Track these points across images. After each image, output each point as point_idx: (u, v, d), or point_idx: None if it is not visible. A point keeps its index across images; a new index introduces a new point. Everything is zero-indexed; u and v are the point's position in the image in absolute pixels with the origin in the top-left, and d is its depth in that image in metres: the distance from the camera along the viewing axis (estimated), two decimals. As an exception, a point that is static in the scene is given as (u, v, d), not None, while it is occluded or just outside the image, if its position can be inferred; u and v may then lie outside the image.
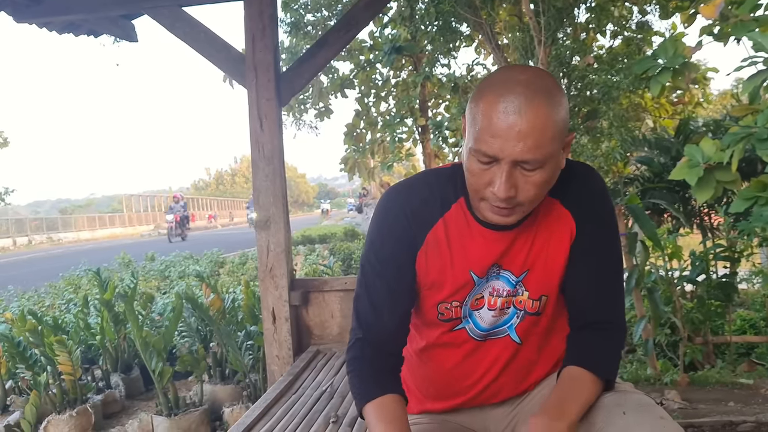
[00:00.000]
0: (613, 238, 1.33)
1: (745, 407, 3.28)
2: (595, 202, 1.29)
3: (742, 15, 3.09)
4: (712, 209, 5.13)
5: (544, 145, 1.08)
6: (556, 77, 8.84)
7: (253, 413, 2.34)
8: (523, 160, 1.09)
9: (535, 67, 1.25)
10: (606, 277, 1.31)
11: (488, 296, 1.31)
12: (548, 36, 8.73)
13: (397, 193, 1.33)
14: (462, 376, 1.39)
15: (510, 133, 1.07)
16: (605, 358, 1.28)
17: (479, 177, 1.14)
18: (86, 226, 43.51)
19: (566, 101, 1.14)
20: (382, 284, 1.31)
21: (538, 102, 1.08)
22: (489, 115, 1.09)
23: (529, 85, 1.09)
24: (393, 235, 1.30)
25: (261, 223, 3.27)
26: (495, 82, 1.13)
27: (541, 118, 1.07)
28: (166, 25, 3.32)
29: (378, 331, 1.31)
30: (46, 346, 3.77)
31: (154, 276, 10.73)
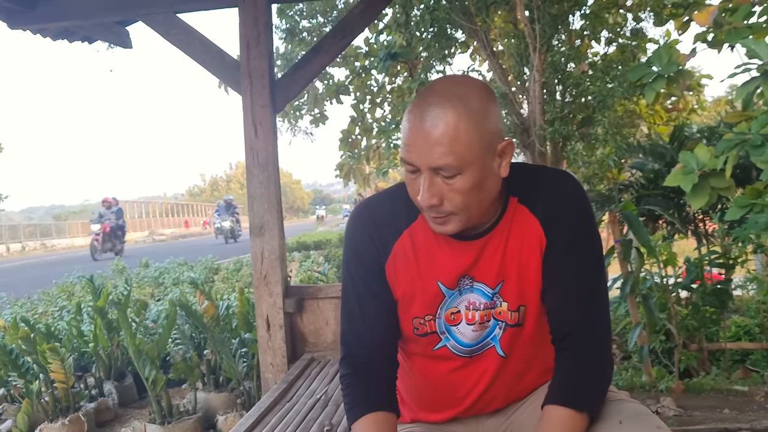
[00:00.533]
0: (587, 244, 1.28)
1: (740, 414, 3.27)
2: (565, 208, 1.26)
3: (736, 22, 3.11)
4: (706, 216, 5.14)
5: (457, 152, 1.10)
6: (551, 84, 8.91)
7: (247, 421, 2.32)
8: (438, 167, 1.11)
9: (465, 76, 1.25)
10: (582, 285, 1.27)
11: (465, 310, 1.30)
12: (543, 43, 8.78)
13: (362, 210, 1.36)
14: (451, 391, 1.39)
15: (423, 141, 1.11)
16: (586, 388, 1.24)
17: (411, 186, 1.18)
18: (80, 233, 43.32)
19: (491, 108, 1.15)
20: (358, 303, 1.33)
21: (450, 109, 1.10)
22: (407, 125, 1.15)
23: (444, 93, 1.13)
24: (360, 253, 1.32)
25: (255, 229, 3.26)
26: (420, 94, 1.18)
27: (453, 125, 1.10)
28: (160, 32, 3.31)
29: (359, 350, 1.33)
30: (38, 354, 3.74)
31: (148, 283, 10.68)
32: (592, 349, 1.26)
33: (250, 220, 3.28)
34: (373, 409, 1.27)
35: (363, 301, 1.32)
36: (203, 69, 3.38)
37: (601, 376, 1.27)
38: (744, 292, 5.07)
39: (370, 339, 1.32)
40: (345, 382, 1.33)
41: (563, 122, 8.87)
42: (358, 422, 1.26)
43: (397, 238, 1.29)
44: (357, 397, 1.29)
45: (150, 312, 5.36)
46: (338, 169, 13.96)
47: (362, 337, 1.32)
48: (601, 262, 1.32)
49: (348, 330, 1.35)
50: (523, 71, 9.53)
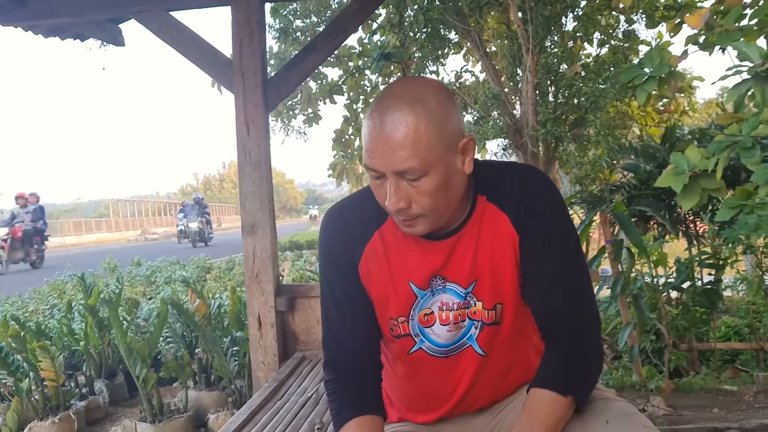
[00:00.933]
0: (561, 236, 1.27)
1: (729, 413, 3.30)
2: (533, 202, 1.25)
3: (727, 25, 3.13)
4: (697, 217, 5.16)
5: (419, 154, 1.10)
6: (544, 85, 8.91)
7: (238, 419, 2.32)
8: (402, 171, 1.11)
9: (420, 77, 1.29)
10: (560, 277, 1.26)
11: (438, 311, 1.30)
12: (536, 44, 8.80)
13: (332, 214, 1.36)
14: (434, 391, 1.39)
15: (384, 146, 1.11)
16: (571, 374, 1.25)
17: (378, 193, 1.18)
18: (72, 231, 43.17)
19: (449, 107, 1.15)
20: (336, 307, 1.34)
21: (408, 112, 1.10)
22: (367, 132, 1.14)
23: (401, 97, 1.12)
24: (334, 257, 1.33)
25: (247, 228, 3.26)
26: (377, 99, 1.16)
27: (412, 129, 1.09)
28: (153, 30, 3.30)
29: (341, 354, 1.33)
30: (28, 352, 3.73)
31: (140, 281, 10.65)
32: (578, 339, 1.27)
33: (242, 219, 3.28)
34: (359, 413, 1.27)
35: (340, 305, 1.33)
36: (196, 67, 3.37)
37: (588, 365, 1.28)
38: (734, 292, 5.09)
39: (350, 343, 1.32)
40: (330, 387, 1.34)
41: (555, 123, 8.89)
42: (344, 427, 1.27)
43: (368, 240, 1.30)
44: (343, 402, 1.30)
45: (141, 310, 5.35)
46: (331, 169, 13.95)
47: (343, 341, 1.33)
48: (578, 253, 1.31)
49: (329, 335, 1.36)
50: (516, 72, 9.56)
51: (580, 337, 1.27)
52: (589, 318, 1.29)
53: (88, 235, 43.49)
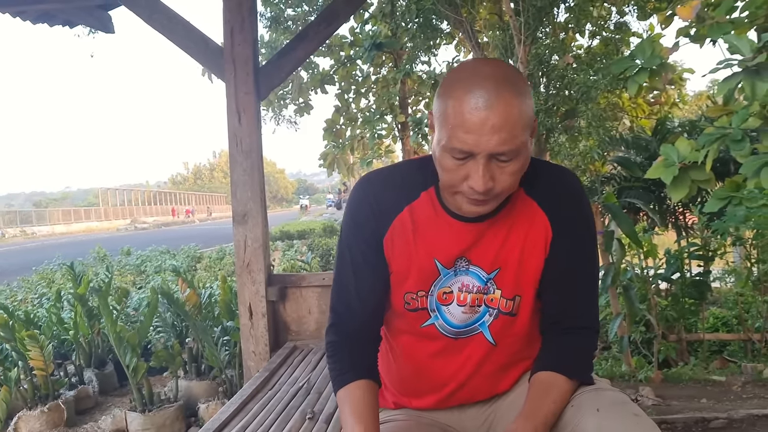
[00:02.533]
0: (590, 242, 1.32)
1: (717, 404, 3.32)
2: (572, 206, 1.29)
3: (718, 17, 3.13)
4: (687, 208, 5.19)
5: (516, 136, 1.09)
6: (535, 76, 8.94)
7: (229, 409, 2.32)
8: (499, 153, 1.10)
9: (495, 59, 1.26)
10: (582, 282, 1.31)
11: (457, 291, 1.31)
12: (528, 35, 8.79)
13: (364, 183, 1.35)
14: (434, 373, 1.39)
15: (483, 128, 1.08)
16: (578, 361, 1.29)
17: (455, 173, 1.15)
18: (61, 220, 42.94)
19: (529, 89, 1.16)
20: (353, 273, 1.33)
21: (507, 94, 1.09)
22: (460, 112, 1.09)
23: (496, 77, 1.10)
24: (359, 224, 1.32)
25: (238, 217, 3.25)
26: (461, 78, 1.13)
27: (511, 110, 1.08)
28: (143, 17, 3.26)
29: (349, 318, 1.34)
30: (17, 341, 3.71)
31: (130, 270, 10.62)
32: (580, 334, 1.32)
33: (234, 208, 3.27)
34: (360, 376, 1.29)
35: (358, 271, 1.33)
36: (186, 55, 3.34)
37: (587, 353, 1.33)
38: (722, 284, 5.14)
39: (361, 309, 1.33)
40: (331, 349, 1.35)
41: (547, 114, 8.91)
42: (345, 388, 1.28)
43: (397, 214, 1.30)
44: (344, 365, 1.31)
45: (131, 300, 5.33)
46: (322, 159, 13.94)
47: (353, 307, 1.33)
48: (597, 257, 1.37)
49: (339, 298, 1.36)
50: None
51: (584, 331, 1.32)
52: (594, 318, 1.35)
53: (78, 223, 43.27)
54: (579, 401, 1.25)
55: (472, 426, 1.43)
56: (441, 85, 1.17)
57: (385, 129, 12.93)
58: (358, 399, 1.26)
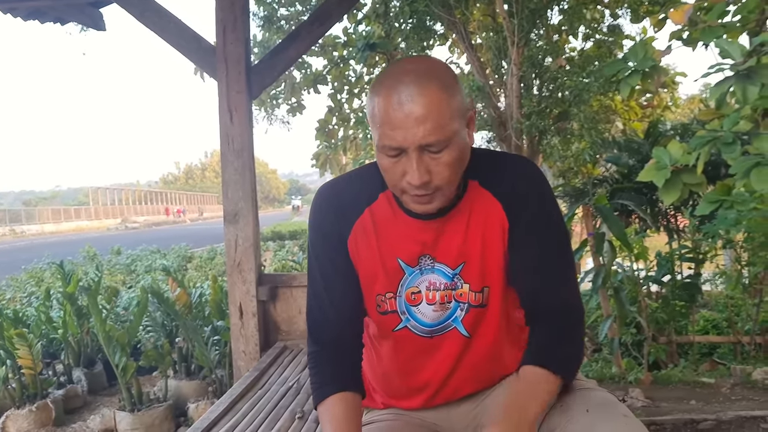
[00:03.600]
0: (552, 225, 1.30)
1: (706, 405, 3.33)
2: (527, 192, 1.29)
3: (710, 21, 3.15)
4: (678, 211, 5.21)
5: (444, 125, 1.11)
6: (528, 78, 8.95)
7: (218, 408, 2.31)
8: (428, 144, 1.11)
9: (423, 55, 1.29)
10: (549, 264, 1.29)
11: (425, 290, 1.32)
12: (521, 37, 8.81)
13: (324, 190, 1.38)
14: (415, 373, 1.39)
15: (408, 121, 1.10)
16: (562, 354, 1.27)
17: (392, 171, 1.17)
18: (51, 219, 42.72)
19: (458, 82, 1.18)
20: (323, 279, 1.34)
21: (428, 86, 1.11)
22: (385, 109, 1.12)
23: (416, 71, 1.13)
24: (324, 230, 1.35)
25: (229, 216, 3.23)
26: (385, 77, 1.16)
27: (435, 100, 1.10)
28: (134, 14, 3.25)
29: (326, 326, 1.35)
30: (5, 340, 3.69)
31: (120, 270, 10.57)
32: (565, 321, 1.30)
33: (225, 207, 3.25)
34: (340, 389, 1.28)
35: (328, 278, 1.34)
36: (178, 54, 3.33)
37: (574, 347, 1.31)
38: (713, 286, 5.15)
39: (336, 315, 1.34)
40: (312, 360, 1.35)
41: (540, 116, 8.93)
42: (325, 402, 1.28)
43: (358, 216, 1.32)
44: (325, 377, 1.31)
45: (121, 299, 5.31)
46: (315, 159, 13.91)
47: (328, 313, 1.34)
48: (565, 240, 1.34)
49: (314, 307, 1.36)
50: (501, 65, 9.58)
51: (567, 319, 1.30)
52: (574, 302, 1.32)
53: (67, 222, 43.06)
54: (568, 402, 1.25)
55: (460, 424, 1.43)
56: (370, 87, 1.20)
57: (378, 130, 12.91)
58: (338, 415, 1.25)
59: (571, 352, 1.30)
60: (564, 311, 1.30)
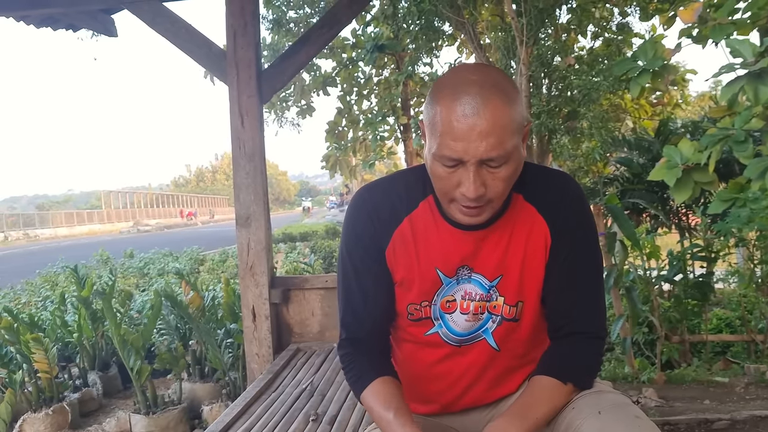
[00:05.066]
0: (591, 246, 1.31)
1: (720, 405, 3.32)
2: (571, 211, 1.28)
3: (720, 18, 3.13)
4: (689, 209, 5.19)
5: (505, 141, 1.10)
6: (537, 77, 8.89)
7: (233, 411, 2.33)
8: (489, 159, 1.10)
9: (484, 64, 1.25)
10: (585, 287, 1.30)
11: (460, 299, 1.31)
12: (530, 36, 8.79)
13: (363, 194, 1.36)
14: (437, 379, 1.40)
15: (471, 134, 1.08)
16: (576, 366, 1.28)
17: (447, 180, 1.15)
18: (64, 223, 43.02)
19: (519, 94, 1.16)
20: (357, 286, 1.34)
21: (494, 99, 1.09)
22: (448, 119, 1.10)
23: (483, 84, 1.10)
24: (361, 237, 1.33)
25: (241, 220, 3.26)
26: (448, 85, 1.13)
27: (499, 115, 1.08)
28: (146, 21, 3.28)
29: (358, 331, 1.35)
30: (21, 344, 3.72)
31: (133, 273, 10.63)
32: (587, 345, 1.31)
33: (237, 211, 3.28)
34: (381, 374, 1.29)
35: (363, 282, 1.33)
36: (189, 59, 3.35)
37: (592, 359, 1.32)
38: (725, 285, 5.12)
39: (370, 319, 1.34)
40: (346, 359, 1.35)
41: (549, 115, 8.92)
42: (368, 388, 1.28)
43: (397, 225, 1.30)
44: (363, 368, 1.32)
45: (135, 302, 5.34)
46: (324, 161, 13.95)
47: (362, 317, 1.34)
48: (601, 264, 1.36)
49: (347, 311, 1.36)
50: (509, 64, 9.56)
51: (590, 343, 1.31)
52: (600, 327, 1.33)
53: (80, 226, 43.34)
54: (580, 403, 1.26)
55: (475, 429, 1.44)
56: (430, 93, 1.17)
57: (388, 131, 12.94)
58: (383, 391, 1.26)
59: (585, 364, 1.31)
60: (590, 335, 1.31)
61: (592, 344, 1.31)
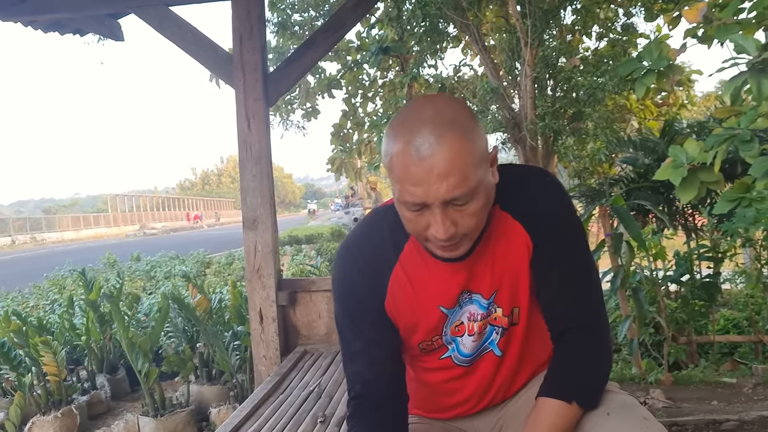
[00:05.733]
0: (575, 242, 1.27)
1: (728, 406, 3.32)
2: (547, 208, 1.24)
3: (725, 18, 3.12)
4: (696, 210, 5.18)
5: (468, 177, 1.04)
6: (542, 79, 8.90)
7: (241, 413, 2.34)
8: (453, 198, 1.05)
9: (440, 95, 1.15)
10: (575, 282, 1.26)
11: (467, 321, 1.30)
12: (534, 37, 8.79)
13: (350, 249, 1.30)
14: (449, 394, 1.41)
15: (430, 177, 1.03)
16: (580, 383, 1.24)
17: (416, 223, 1.11)
18: (70, 226, 43.15)
19: (478, 123, 1.10)
20: (361, 344, 1.29)
21: (450, 136, 1.03)
22: (404, 164, 1.04)
23: (436, 120, 1.04)
24: (356, 296, 1.28)
25: (248, 223, 3.27)
26: (401, 125, 1.07)
27: (457, 152, 1.03)
28: (153, 25, 3.30)
29: (368, 390, 1.29)
30: (30, 347, 3.74)
31: (140, 276, 10.67)
32: (589, 342, 1.27)
33: (244, 214, 3.29)
34: None
35: (366, 340, 1.29)
36: (195, 62, 3.37)
37: (597, 368, 1.27)
38: (732, 285, 5.11)
39: (375, 378, 1.28)
40: (351, 424, 1.30)
41: (554, 117, 8.90)
42: None
43: (390, 274, 1.26)
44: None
45: (142, 305, 5.36)
46: (330, 163, 13.96)
47: (367, 377, 1.29)
48: (589, 255, 1.30)
49: (352, 370, 1.31)
50: (514, 66, 9.56)
51: (591, 339, 1.27)
52: (599, 319, 1.29)
53: (87, 230, 43.47)
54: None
55: (485, 428, 1.45)
56: (385, 134, 1.11)
57: (393, 133, 12.92)
58: None
59: (592, 374, 1.26)
60: (587, 327, 1.26)
61: (593, 340, 1.26)
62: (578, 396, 1.22)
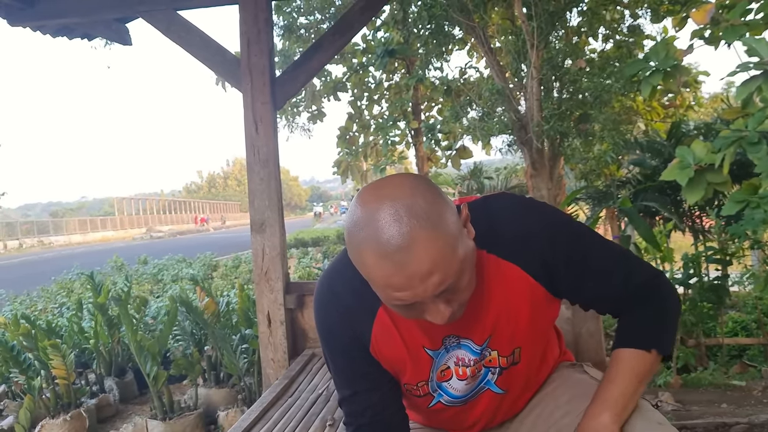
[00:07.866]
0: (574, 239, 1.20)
1: (737, 408, 3.30)
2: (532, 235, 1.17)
3: (733, 19, 3.12)
4: (703, 212, 5.16)
5: (451, 267, 0.99)
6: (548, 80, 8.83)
7: (249, 417, 2.34)
8: (443, 291, 1.01)
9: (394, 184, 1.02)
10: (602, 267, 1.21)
11: (454, 366, 1.27)
12: (540, 39, 8.77)
13: (326, 295, 1.26)
14: (450, 423, 1.42)
15: (413, 282, 0.97)
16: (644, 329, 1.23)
17: (411, 314, 1.08)
18: (78, 230, 43.34)
19: (442, 197, 1.03)
20: (354, 386, 1.30)
21: (421, 237, 0.95)
22: (382, 276, 0.98)
23: (401, 218, 0.96)
24: (340, 339, 1.26)
25: (256, 226, 3.27)
26: (367, 238, 0.98)
27: (433, 250, 0.96)
28: (160, 29, 3.32)
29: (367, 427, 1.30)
30: (39, 350, 3.76)
31: (147, 279, 10.71)
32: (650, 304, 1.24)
33: (251, 217, 3.29)
34: None
35: (356, 383, 1.29)
36: (201, 66, 3.39)
37: (663, 318, 1.24)
38: (741, 287, 5.09)
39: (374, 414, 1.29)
40: None
41: (560, 118, 8.88)
42: None
43: (374, 317, 1.22)
44: None
45: (150, 308, 5.38)
46: (336, 166, 13.99)
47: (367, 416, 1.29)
48: (593, 234, 1.25)
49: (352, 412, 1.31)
50: (520, 68, 9.54)
51: (650, 300, 1.24)
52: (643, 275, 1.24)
53: (94, 233, 43.66)
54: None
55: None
56: (348, 240, 1.03)
57: (398, 135, 12.95)
58: None
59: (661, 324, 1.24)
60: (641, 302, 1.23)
61: (651, 300, 1.23)
62: (658, 344, 1.22)
